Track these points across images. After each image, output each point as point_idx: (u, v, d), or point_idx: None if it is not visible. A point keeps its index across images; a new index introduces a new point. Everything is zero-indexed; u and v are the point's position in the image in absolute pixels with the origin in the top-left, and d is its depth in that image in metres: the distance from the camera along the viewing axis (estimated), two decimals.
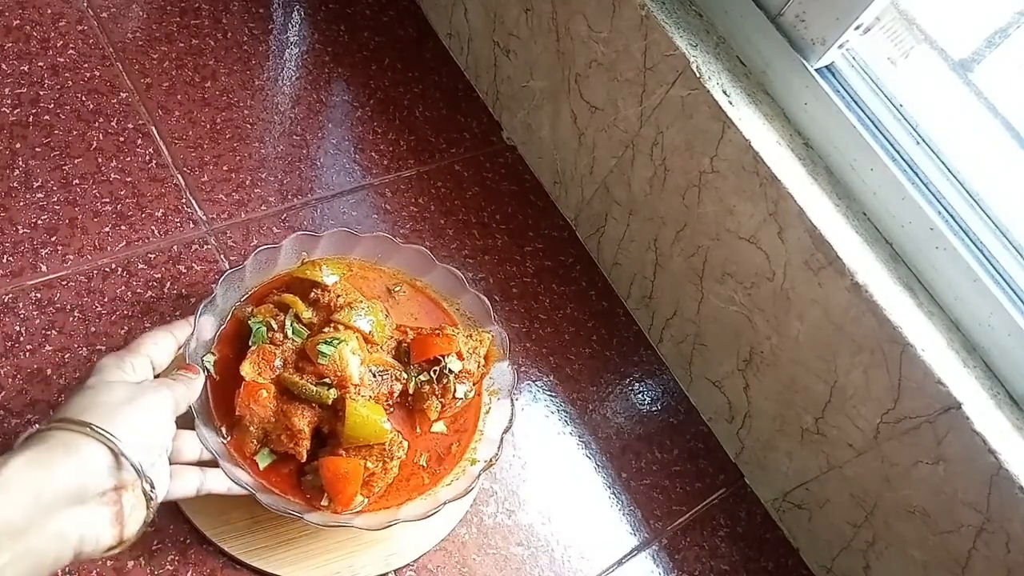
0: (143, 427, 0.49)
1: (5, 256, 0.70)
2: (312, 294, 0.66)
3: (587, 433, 0.79)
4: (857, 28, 0.68)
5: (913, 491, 0.66)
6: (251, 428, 0.61)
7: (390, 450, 0.62)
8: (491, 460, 0.65)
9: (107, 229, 0.74)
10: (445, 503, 0.61)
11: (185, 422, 0.57)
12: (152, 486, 0.49)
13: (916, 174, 0.68)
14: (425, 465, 0.65)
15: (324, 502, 0.61)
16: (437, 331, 0.68)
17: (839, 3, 0.67)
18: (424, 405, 0.66)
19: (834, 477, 0.72)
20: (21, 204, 0.72)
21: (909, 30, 0.69)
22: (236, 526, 0.63)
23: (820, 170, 0.72)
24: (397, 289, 0.73)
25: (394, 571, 0.66)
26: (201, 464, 0.58)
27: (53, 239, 0.72)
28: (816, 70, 0.71)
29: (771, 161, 0.68)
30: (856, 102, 0.70)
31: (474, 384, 0.68)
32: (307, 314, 0.65)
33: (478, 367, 0.68)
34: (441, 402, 0.66)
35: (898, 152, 0.69)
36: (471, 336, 0.68)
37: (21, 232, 0.71)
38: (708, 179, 0.73)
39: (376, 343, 0.66)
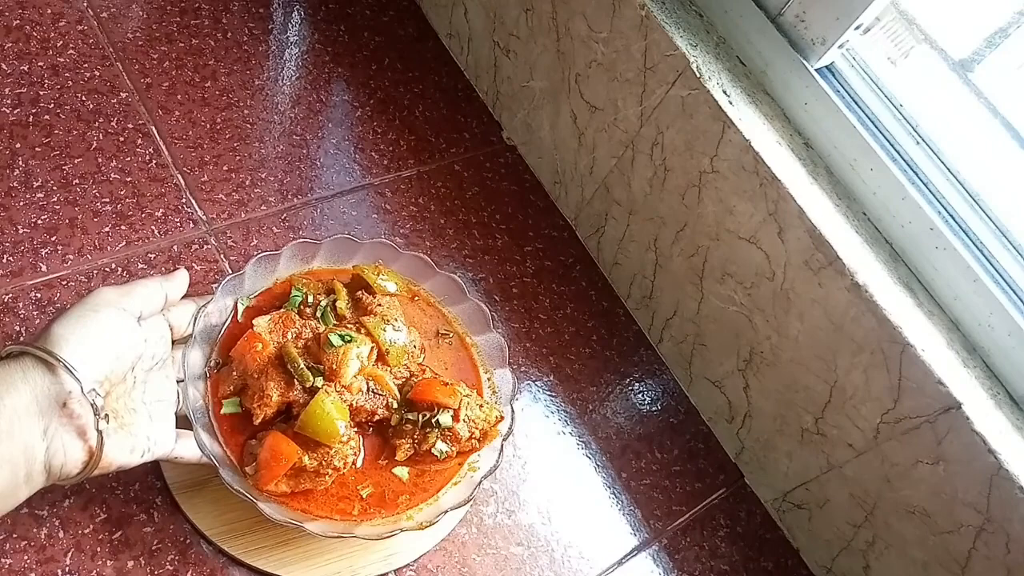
0: (100, 336, 0.52)
1: (5, 256, 0.70)
2: (359, 293, 0.68)
3: (587, 433, 0.79)
4: (857, 28, 0.68)
5: (913, 491, 0.66)
6: (234, 373, 0.62)
7: (331, 457, 0.60)
8: (508, 431, 0.66)
9: (107, 229, 0.74)
10: (445, 511, 0.61)
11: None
12: (102, 408, 0.51)
13: (916, 174, 0.68)
14: (364, 498, 0.63)
15: (250, 470, 0.60)
16: (448, 382, 0.66)
17: (839, 3, 0.67)
18: (397, 442, 0.64)
19: (834, 477, 0.72)
20: (21, 204, 0.72)
21: (909, 30, 0.69)
22: (236, 526, 0.63)
23: (820, 170, 0.72)
24: (447, 337, 0.72)
25: (394, 571, 0.66)
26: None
27: (53, 239, 0.72)
28: (816, 70, 0.71)
29: (771, 161, 0.68)
30: (856, 102, 0.70)
31: (456, 450, 0.65)
32: (344, 306, 0.66)
33: (469, 436, 0.65)
34: (415, 448, 0.64)
35: (898, 152, 0.69)
36: (481, 407, 0.65)
37: (21, 232, 0.71)
38: (708, 179, 0.73)
39: (388, 364, 0.65)
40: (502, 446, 0.66)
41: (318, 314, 0.66)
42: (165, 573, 0.61)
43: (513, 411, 0.68)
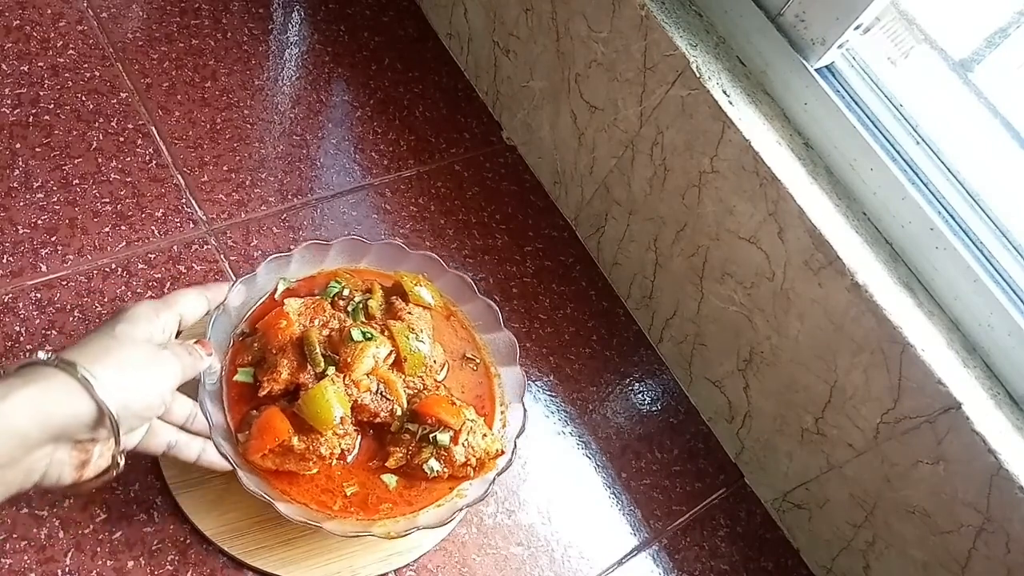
0: (147, 398, 0.51)
1: (5, 256, 0.70)
2: (393, 298, 0.69)
3: (587, 433, 0.79)
4: (857, 28, 0.68)
5: (913, 491, 0.66)
6: (255, 345, 0.64)
7: (319, 444, 0.60)
8: (505, 466, 0.64)
9: (107, 229, 0.74)
10: (418, 528, 0.60)
11: (190, 388, 0.59)
12: (123, 454, 0.50)
13: (916, 174, 0.68)
14: (348, 496, 0.62)
15: (242, 437, 0.61)
16: (456, 403, 0.65)
17: (839, 3, 0.67)
18: (392, 448, 0.63)
19: (834, 477, 0.72)
20: (21, 204, 0.72)
21: (909, 30, 0.69)
22: (236, 526, 0.63)
23: (820, 170, 0.72)
24: (472, 362, 0.71)
25: (394, 571, 0.66)
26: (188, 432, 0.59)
27: (53, 239, 0.72)
28: (816, 70, 0.71)
29: (771, 161, 0.68)
30: (856, 102, 0.70)
31: (448, 473, 0.63)
32: (376, 307, 0.67)
33: (465, 462, 0.63)
34: (407, 459, 0.63)
35: (898, 152, 0.69)
36: (484, 436, 0.64)
37: (21, 232, 0.71)
38: (708, 179, 0.73)
39: (403, 371, 0.65)
40: (494, 479, 0.64)
41: (349, 308, 0.67)
42: (165, 573, 0.61)
43: (516, 447, 0.66)
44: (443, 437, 0.62)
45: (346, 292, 0.69)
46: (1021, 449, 0.62)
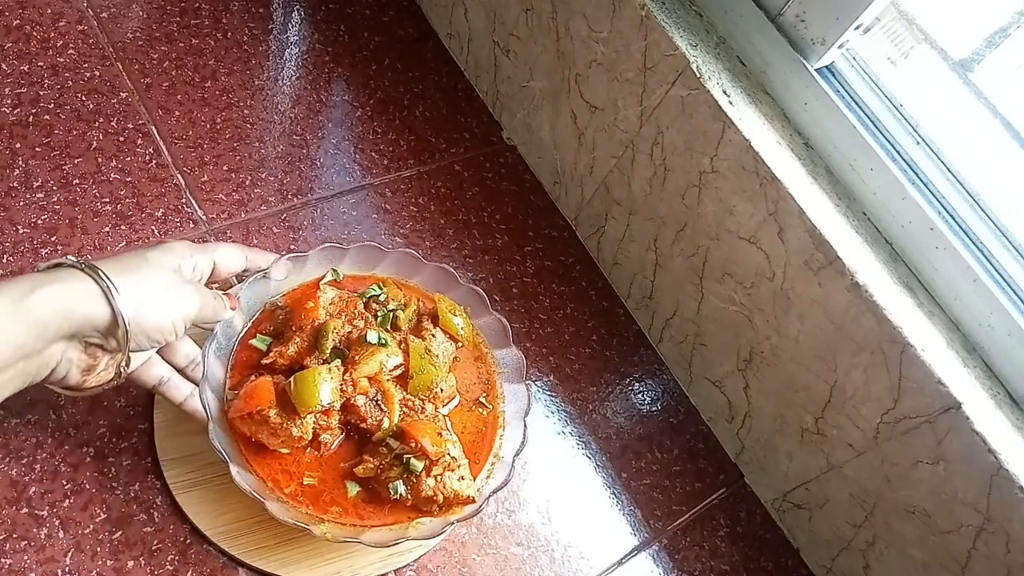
0: (160, 320, 0.53)
1: (5, 256, 0.70)
2: (424, 318, 0.69)
3: (587, 433, 0.79)
4: (857, 28, 0.68)
5: (913, 491, 0.66)
6: (280, 316, 0.67)
7: (290, 424, 0.60)
8: (468, 514, 0.62)
9: (107, 229, 0.74)
10: (357, 540, 0.59)
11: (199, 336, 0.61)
12: (127, 365, 0.53)
13: (916, 174, 0.68)
14: (303, 484, 0.62)
15: (230, 396, 0.62)
16: (444, 436, 0.63)
17: (839, 3, 0.67)
18: (365, 457, 0.62)
19: (834, 477, 0.72)
20: (21, 204, 0.72)
21: (909, 30, 0.69)
22: (236, 526, 0.63)
23: (820, 170, 0.72)
24: (484, 408, 0.70)
25: (394, 571, 0.66)
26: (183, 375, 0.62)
27: (53, 239, 0.72)
28: (816, 70, 0.71)
29: (771, 161, 0.68)
30: (856, 102, 0.70)
31: (411, 500, 0.61)
32: (405, 320, 0.68)
33: (432, 496, 0.61)
34: (376, 472, 0.62)
35: (898, 152, 0.69)
36: (461, 479, 0.62)
37: (21, 232, 0.71)
38: (708, 179, 0.73)
39: (405, 388, 0.65)
40: (451, 526, 0.62)
41: (379, 314, 0.68)
42: (165, 573, 0.61)
43: (487, 502, 0.63)
44: (417, 463, 0.60)
45: (382, 298, 0.69)
46: (1021, 449, 0.62)
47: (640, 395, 0.84)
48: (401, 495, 0.61)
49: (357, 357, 0.63)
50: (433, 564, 0.68)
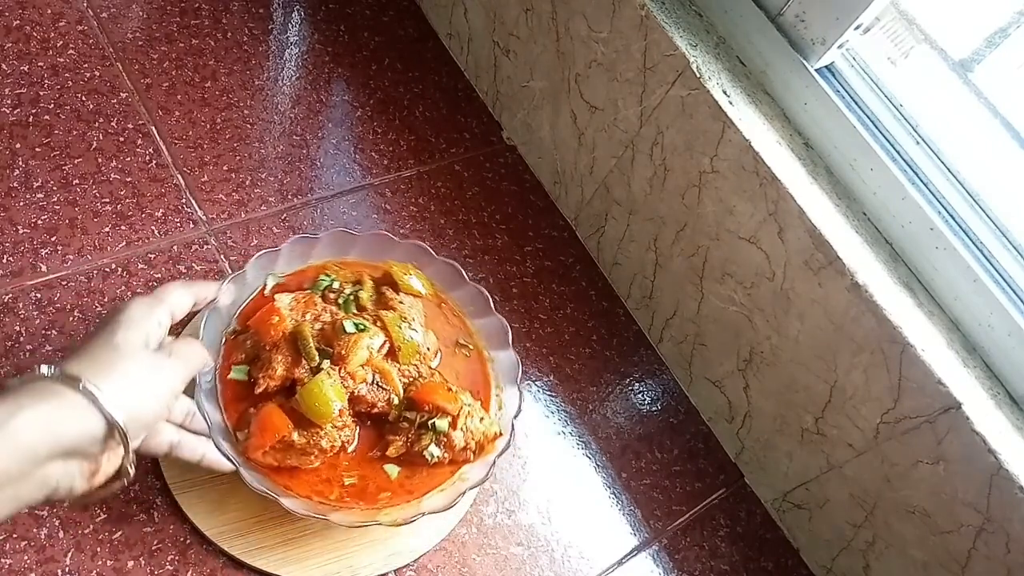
0: (153, 408, 0.51)
1: (5, 256, 0.70)
2: (384, 288, 0.69)
3: (587, 433, 0.79)
4: (857, 28, 0.68)
5: (913, 491, 0.66)
6: (248, 342, 0.64)
7: (320, 437, 0.60)
8: (504, 447, 0.66)
9: (107, 229, 0.74)
10: (423, 514, 0.60)
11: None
12: (134, 463, 0.50)
13: (916, 174, 0.68)
14: (346, 485, 0.62)
15: (241, 436, 0.61)
16: (452, 389, 0.65)
17: (839, 3, 0.67)
18: (391, 438, 0.64)
19: (834, 477, 0.72)
20: (21, 204, 0.72)
21: (909, 30, 0.69)
22: (236, 526, 0.63)
23: (820, 170, 0.72)
24: (465, 348, 0.72)
25: (394, 571, 0.66)
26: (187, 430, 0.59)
27: (53, 239, 0.72)
28: (816, 70, 0.71)
29: (771, 161, 0.68)
30: (856, 102, 0.70)
31: (449, 457, 0.64)
32: (367, 298, 0.67)
33: (464, 447, 0.64)
34: (407, 447, 0.64)
35: (898, 152, 0.69)
36: (482, 420, 0.65)
37: (21, 232, 0.71)
38: (708, 179, 0.73)
39: (398, 360, 0.65)
40: (494, 462, 0.65)
41: (340, 301, 0.67)
42: (165, 573, 0.61)
43: (513, 429, 0.67)
44: (442, 423, 0.63)
45: (336, 285, 0.69)
46: (1021, 449, 0.62)
47: (640, 395, 0.84)
48: (438, 457, 0.63)
49: (343, 351, 0.62)
50: (433, 564, 0.68)
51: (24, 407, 0.44)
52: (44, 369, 0.47)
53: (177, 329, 0.60)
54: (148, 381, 0.50)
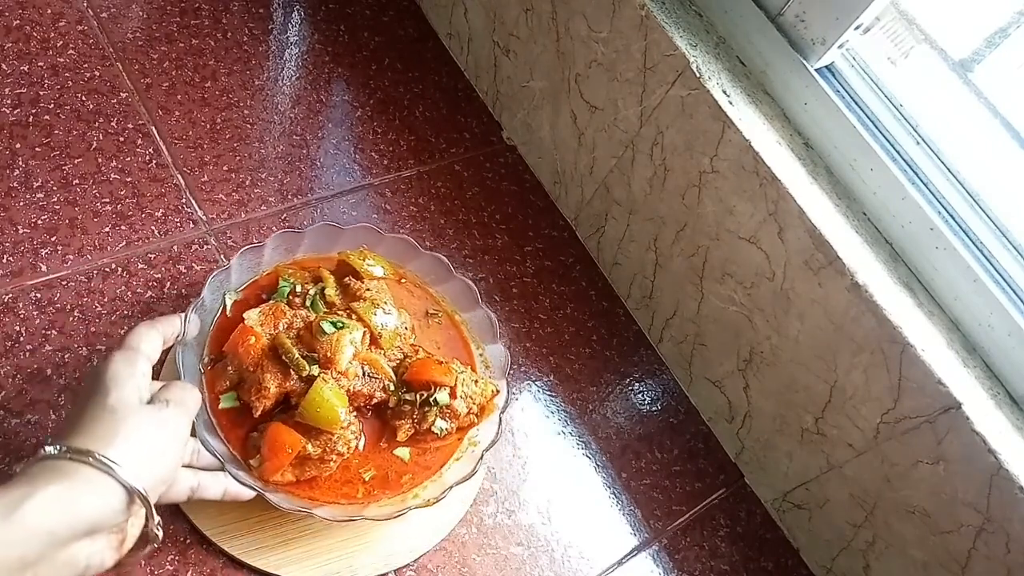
0: (167, 465, 0.50)
1: (5, 256, 0.70)
2: (347, 279, 0.69)
3: (587, 433, 0.79)
4: (857, 28, 0.68)
5: (913, 491, 0.66)
6: (229, 368, 0.63)
7: (334, 443, 0.61)
8: (505, 403, 0.67)
9: (107, 229, 0.74)
10: (451, 487, 0.62)
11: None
12: (160, 526, 0.49)
13: (916, 174, 0.68)
14: (367, 480, 0.63)
15: (255, 462, 0.60)
16: (442, 361, 0.67)
17: (839, 3, 0.67)
18: (397, 423, 0.65)
19: (834, 477, 0.72)
20: (21, 204, 0.72)
21: (909, 30, 0.69)
22: (236, 526, 0.63)
23: (820, 170, 0.72)
24: (435, 316, 0.73)
25: (394, 571, 0.66)
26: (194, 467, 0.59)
27: (53, 239, 0.72)
28: (816, 70, 0.71)
29: (771, 161, 0.68)
30: (856, 102, 0.70)
31: (456, 426, 0.66)
32: (333, 293, 0.67)
33: (468, 412, 0.66)
34: (415, 428, 0.65)
35: (898, 152, 0.69)
36: (476, 382, 0.67)
37: (21, 232, 0.71)
38: (708, 179, 0.73)
39: (381, 347, 0.66)
40: (501, 419, 0.66)
41: (307, 303, 0.67)
42: (165, 573, 0.61)
43: (508, 383, 0.69)
44: (443, 397, 0.64)
45: (299, 288, 0.68)
46: (1021, 449, 0.62)
47: (640, 395, 0.84)
48: (445, 429, 0.65)
49: (329, 352, 0.62)
50: (433, 564, 0.68)
51: (38, 489, 0.43)
52: (49, 449, 0.45)
53: (157, 369, 0.59)
54: (157, 438, 0.49)
